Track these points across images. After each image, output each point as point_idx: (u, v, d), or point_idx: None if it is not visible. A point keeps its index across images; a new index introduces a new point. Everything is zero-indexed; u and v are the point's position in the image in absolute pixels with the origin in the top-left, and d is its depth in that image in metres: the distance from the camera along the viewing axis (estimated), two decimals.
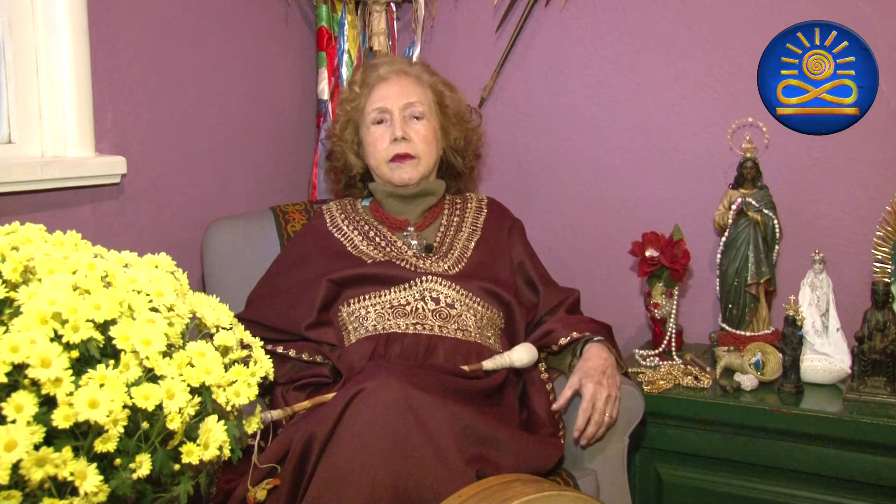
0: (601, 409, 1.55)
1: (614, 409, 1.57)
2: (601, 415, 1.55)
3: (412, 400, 1.26)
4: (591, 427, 1.55)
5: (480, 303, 1.66)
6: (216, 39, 1.98)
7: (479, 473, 1.27)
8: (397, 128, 1.79)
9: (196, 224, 1.93)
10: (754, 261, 1.85)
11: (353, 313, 1.64)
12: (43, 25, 1.62)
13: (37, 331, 0.85)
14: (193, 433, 0.92)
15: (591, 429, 1.55)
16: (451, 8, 2.25)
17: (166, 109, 1.86)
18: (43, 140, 1.65)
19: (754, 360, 1.77)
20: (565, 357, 1.69)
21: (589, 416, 1.55)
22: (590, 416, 1.55)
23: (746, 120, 1.89)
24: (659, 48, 2.05)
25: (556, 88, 2.16)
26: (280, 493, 1.25)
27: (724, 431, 1.71)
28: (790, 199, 1.92)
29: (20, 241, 0.98)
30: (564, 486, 1.44)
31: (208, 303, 1.04)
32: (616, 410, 1.58)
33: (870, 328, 1.64)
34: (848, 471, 1.61)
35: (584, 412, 1.55)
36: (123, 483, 0.86)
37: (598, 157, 2.14)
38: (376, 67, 1.88)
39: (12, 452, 0.79)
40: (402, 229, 1.80)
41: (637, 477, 1.81)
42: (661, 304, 1.90)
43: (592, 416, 1.55)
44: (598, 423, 1.55)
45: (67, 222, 1.58)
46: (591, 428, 1.55)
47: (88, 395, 0.84)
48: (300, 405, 1.42)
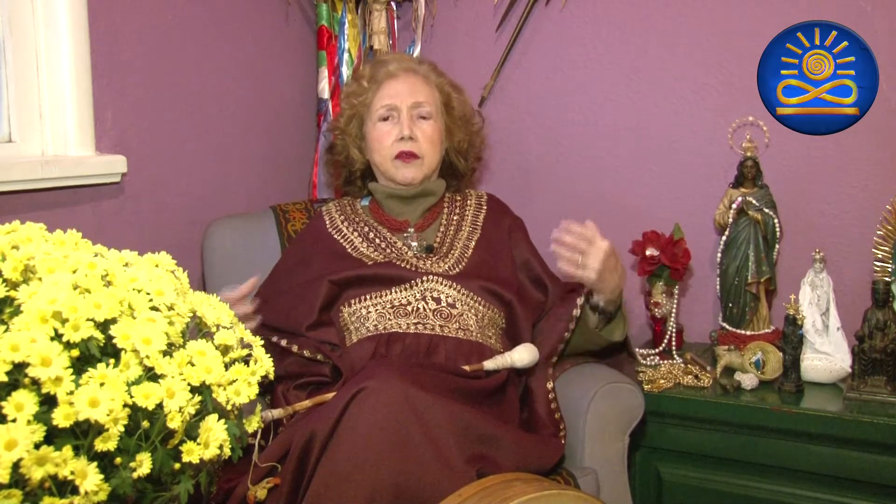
0: (600, 241, 1.55)
1: (599, 262, 1.55)
2: (596, 243, 1.54)
3: (413, 399, 1.26)
4: (579, 232, 1.55)
5: (481, 302, 1.66)
6: (216, 39, 1.98)
7: (479, 473, 1.27)
8: (405, 126, 1.78)
9: (196, 223, 1.93)
10: (755, 260, 1.85)
11: (355, 313, 1.64)
12: (43, 25, 1.62)
13: (37, 330, 0.85)
14: (194, 432, 0.92)
15: (577, 234, 1.55)
16: (452, 7, 2.25)
17: (166, 109, 1.86)
18: (43, 139, 1.65)
19: (755, 359, 1.77)
20: (588, 320, 1.67)
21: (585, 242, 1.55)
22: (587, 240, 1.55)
23: (747, 119, 1.89)
24: (659, 48, 2.05)
25: (556, 88, 2.17)
26: (280, 492, 1.25)
27: (725, 430, 1.71)
28: (790, 199, 1.92)
29: (20, 240, 0.98)
30: (565, 485, 1.44)
31: (209, 302, 1.04)
32: (598, 263, 1.54)
33: (870, 327, 1.64)
34: (848, 470, 1.61)
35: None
36: (124, 482, 0.86)
37: (598, 157, 2.14)
38: (385, 63, 1.88)
39: (13, 451, 0.79)
40: (401, 230, 1.80)
41: (637, 476, 1.81)
42: (662, 303, 1.90)
43: (587, 235, 1.55)
44: (586, 238, 1.54)
45: (68, 221, 1.57)
46: (577, 234, 1.55)
47: (89, 394, 0.84)
48: (301, 404, 1.42)
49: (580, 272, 1.57)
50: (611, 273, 1.59)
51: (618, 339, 1.71)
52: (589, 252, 1.56)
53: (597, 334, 1.68)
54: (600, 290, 1.62)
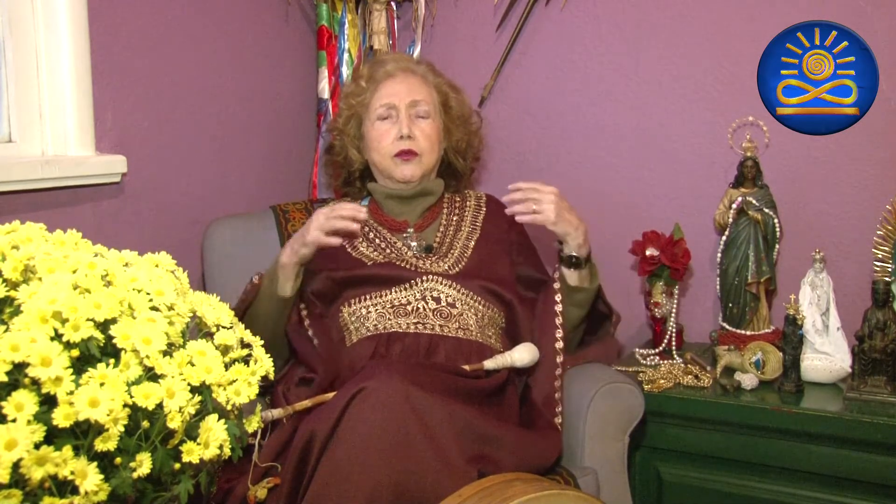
0: (547, 187, 1.64)
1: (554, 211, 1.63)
2: (544, 188, 1.64)
3: (413, 399, 1.26)
4: (527, 186, 1.64)
5: (481, 302, 1.66)
6: (216, 39, 1.98)
7: (479, 472, 1.27)
8: (404, 125, 1.79)
9: (196, 223, 1.93)
10: (755, 260, 1.85)
11: (355, 313, 1.64)
12: (43, 25, 1.62)
13: (37, 330, 0.85)
14: (194, 432, 0.92)
15: (525, 188, 1.64)
16: (452, 7, 2.25)
17: (166, 109, 1.86)
18: (43, 139, 1.65)
19: (755, 359, 1.77)
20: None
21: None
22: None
23: (747, 119, 1.89)
24: (659, 48, 2.05)
25: (555, 88, 2.16)
26: (281, 492, 1.25)
27: (725, 430, 1.71)
28: (790, 199, 1.92)
29: (20, 240, 0.98)
30: (565, 485, 1.44)
31: (208, 302, 1.05)
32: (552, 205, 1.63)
33: (870, 327, 1.64)
34: (848, 470, 1.61)
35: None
36: (124, 482, 0.86)
37: (598, 157, 2.14)
38: (383, 63, 1.88)
39: (13, 451, 0.79)
40: (401, 230, 1.80)
41: (637, 476, 1.80)
42: (662, 303, 1.90)
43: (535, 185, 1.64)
44: (533, 188, 1.64)
45: (68, 221, 1.57)
46: (525, 188, 1.64)
47: (89, 394, 0.84)
48: (301, 404, 1.42)
49: (539, 217, 1.64)
50: (568, 212, 1.65)
51: (596, 284, 1.73)
52: (541, 199, 1.63)
53: (580, 289, 1.70)
54: (565, 231, 1.66)
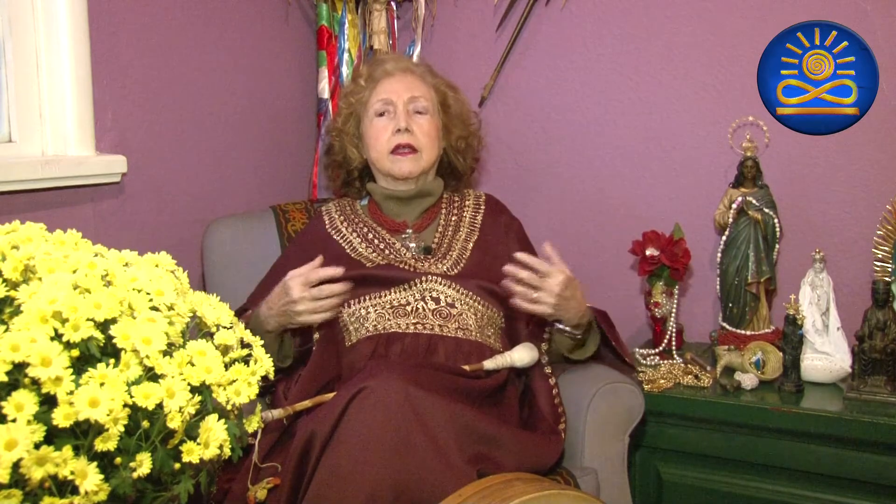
0: (555, 272, 1.51)
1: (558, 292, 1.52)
2: (550, 278, 1.51)
3: (413, 399, 1.26)
4: (534, 266, 1.52)
5: (480, 302, 1.66)
6: (216, 39, 1.98)
7: (480, 472, 1.27)
8: (401, 119, 1.78)
9: (196, 223, 1.93)
10: (755, 260, 1.85)
11: (354, 314, 1.64)
12: (43, 25, 1.62)
13: (37, 330, 0.85)
14: (194, 432, 0.92)
15: (532, 268, 1.52)
16: (452, 7, 2.25)
17: (166, 109, 1.86)
18: (43, 139, 1.65)
19: (755, 359, 1.77)
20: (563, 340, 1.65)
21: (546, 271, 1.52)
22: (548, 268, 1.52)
23: (747, 119, 1.89)
24: (659, 48, 2.05)
25: (556, 88, 2.16)
26: (280, 492, 1.25)
27: (725, 430, 1.71)
28: (790, 199, 1.92)
29: (20, 239, 0.98)
30: (565, 484, 1.44)
31: (208, 302, 1.04)
32: (552, 298, 1.51)
33: (870, 327, 1.65)
34: (848, 470, 1.61)
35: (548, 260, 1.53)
36: (124, 482, 0.86)
37: (598, 157, 2.14)
38: (382, 63, 1.89)
39: (13, 451, 0.79)
40: (400, 231, 1.80)
41: (637, 476, 1.81)
42: (662, 303, 1.90)
43: (542, 269, 1.52)
44: (541, 272, 1.51)
45: (68, 221, 1.57)
46: (532, 268, 1.52)
47: (89, 394, 0.84)
48: (301, 404, 1.42)
49: (535, 307, 1.55)
50: (567, 302, 1.54)
51: (590, 353, 1.68)
52: (543, 286, 1.53)
53: (568, 356, 1.67)
54: (560, 318, 1.59)
